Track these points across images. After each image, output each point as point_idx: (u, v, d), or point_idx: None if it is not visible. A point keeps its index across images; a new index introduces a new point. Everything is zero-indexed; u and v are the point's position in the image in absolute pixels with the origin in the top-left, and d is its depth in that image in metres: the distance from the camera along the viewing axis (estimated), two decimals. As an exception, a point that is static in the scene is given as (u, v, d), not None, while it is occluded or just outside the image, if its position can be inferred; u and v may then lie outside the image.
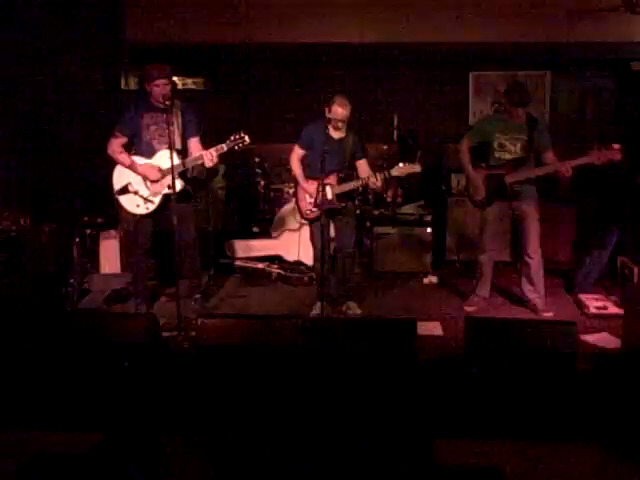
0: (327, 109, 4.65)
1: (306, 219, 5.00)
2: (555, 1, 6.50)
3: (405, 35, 6.64)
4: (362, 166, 4.80)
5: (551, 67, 7.03)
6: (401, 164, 4.66)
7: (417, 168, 4.65)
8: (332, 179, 4.74)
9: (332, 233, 5.10)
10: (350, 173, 4.81)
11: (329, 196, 4.69)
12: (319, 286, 4.84)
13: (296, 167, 4.91)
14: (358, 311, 5.02)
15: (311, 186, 4.80)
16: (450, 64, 7.03)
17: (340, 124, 4.64)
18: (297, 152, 4.89)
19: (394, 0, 6.63)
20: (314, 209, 4.81)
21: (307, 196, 4.86)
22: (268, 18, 6.65)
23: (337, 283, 5.04)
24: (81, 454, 2.30)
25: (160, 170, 4.58)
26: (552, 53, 6.72)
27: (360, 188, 4.93)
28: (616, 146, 4.36)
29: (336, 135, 4.71)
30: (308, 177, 4.87)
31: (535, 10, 6.49)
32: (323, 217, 4.61)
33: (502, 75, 7.05)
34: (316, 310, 4.85)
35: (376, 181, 4.60)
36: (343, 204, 4.77)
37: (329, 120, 4.67)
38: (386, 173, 4.64)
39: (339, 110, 4.60)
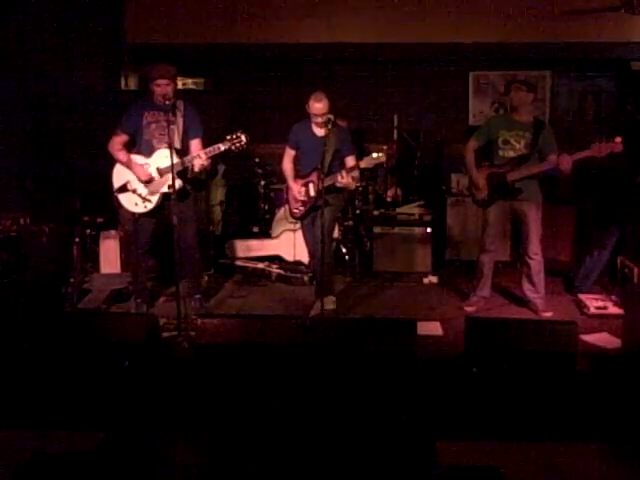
0: (307, 107, 4.75)
1: (295, 218, 5.11)
2: (555, 1, 6.50)
3: (405, 35, 6.64)
4: (348, 162, 4.82)
5: (551, 67, 7.03)
6: (373, 154, 4.66)
7: (382, 158, 4.68)
8: (314, 176, 4.80)
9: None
10: (336, 169, 4.78)
11: (312, 193, 4.81)
12: (317, 284, 4.84)
13: (286, 168, 5.01)
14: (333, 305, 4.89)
15: (297, 185, 4.92)
16: (450, 64, 7.03)
17: (320, 119, 4.67)
18: (288, 153, 5.00)
19: (394, 0, 6.63)
20: (300, 207, 4.92)
21: (293, 195, 4.96)
22: (268, 18, 6.64)
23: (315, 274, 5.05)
24: (81, 453, 2.31)
25: (158, 169, 4.58)
26: (552, 53, 6.72)
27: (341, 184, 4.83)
28: (617, 139, 4.37)
29: (319, 133, 4.75)
30: (297, 176, 4.98)
31: (535, 10, 6.49)
32: (312, 215, 4.67)
33: (502, 75, 7.05)
34: (316, 310, 4.86)
35: (342, 179, 4.62)
36: (321, 200, 4.67)
37: (311, 118, 4.77)
38: (356, 166, 4.68)
39: (315, 105, 4.67)
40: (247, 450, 2.35)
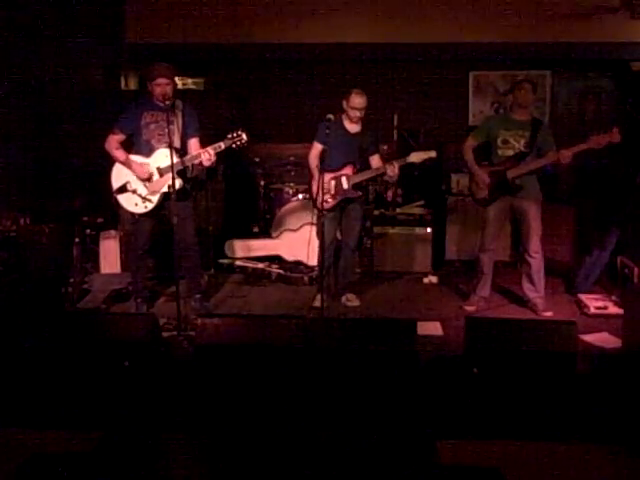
0: (345, 102, 4.88)
1: (322, 210, 4.93)
2: (555, 1, 6.50)
3: (405, 35, 6.64)
4: (375, 160, 5.00)
5: (551, 67, 7.03)
6: (417, 152, 4.84)
7: (432, 153, 4.85)
8: (348, 170, 4.90)
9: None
10: (364, 166, 4.97)
11: (345, 186, 4.87)
12: (321, 278, 4.89)
13: (312, 162, 5.00)
14: (357, 302, 5.18)
15: (327, 178, 4.86)
16: (450, 64, 7.02)
17: (359, 114, 4.83)
18: (316, 148, 4.96)
19: (394, 0, 6.63)
20: (330, 200, 4.91)
21: (323, 188, 4.87)
22: (268, 18, 6.64)
23: (338, 276, 5.20)
24: (81, 453, 2.31)
25: (158, 169, 4.58)
26: (552, 53, 6.72)
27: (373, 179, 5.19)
28: (615, 129, 4.40)
29: (352, 129, 4.88)
30: (326, 170, 4.83)
31: (535, 10, 6.48)
32: (337, 210, 4.78)
33: (502, 75, 7.05)
34: (316, 302, 4.94)
35: (395, 169, 4.76)
36: (360, 193, 4.97)
37: (346, 113, 4.88)
38: (401, 161, 4.81)
39: (357, 100, 4.81)
40: (247, 450, 2.35)
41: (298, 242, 5.91)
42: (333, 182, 4.89)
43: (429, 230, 6.04)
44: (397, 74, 7.12)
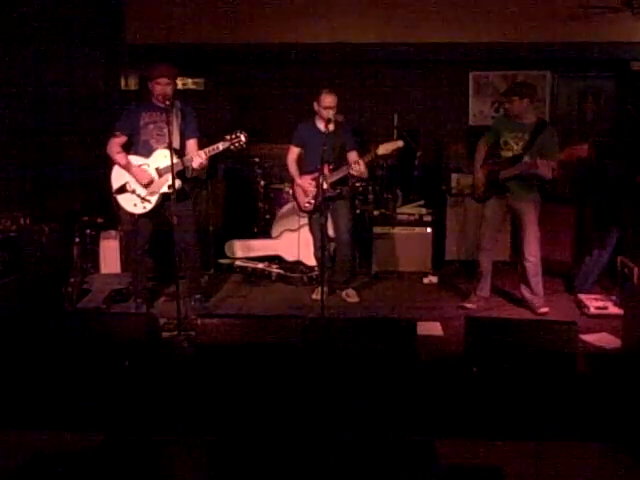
0: (316, 103, 5.00)
1: (305, 212, 5.28)
2: (555, 1, 6.51)
3: (405, 35, 6.64)
4: (351, 156, 5.08)
5: (551, 67, 7.03)
6: (384, 143, 4.95)
7: (399, 143, 4.99)
8: (325, 170, 4.95)
9: (330, 230, 5.37)
10: (342, 163, 5.07)
11: (324, 186, 4.93)
12: (321, 271, 4.93)
13: (291, 165, 5.24)
14: (356, 299, 5.27)
15: (306, 181, 5.12)
16: (450, 64, 7.03)
17: (330, 113, 4.89)
18: (293, 151, 5.24)
19: (394, 0, 6.63)
20: (311, 201, 5.11)
21: (303, 191, 5.16)
22: (268, 18, 6.65)
23: (337, 271, 5.30)
24: (81, 454, 2.31)
25: (158, 170, 4.58)
26: (552, 53, 6.72)
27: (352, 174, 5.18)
28: (584, 146, 4.52)
29: (326, 129, 4.89)
30: (303, 172, 5.18)
31: (535, 10, 6.49)
32: (322, 207, 4.84)
33: (502, 75, 7.05)
34: (316, 295, 5.08)
35: (359, 166, 4.88)
36: (338, 190, 5.08)
37: (318, 114, 4.99)
38: (372, 154, 4.94)
39: (328, 99, 4.92)
40: (247, 450, 2.35)
41: (298, 242, 5.92)
42: (313, 184, 5.02)
43: (429, 230, 6.05)
44: (397, 74, 7.13)
